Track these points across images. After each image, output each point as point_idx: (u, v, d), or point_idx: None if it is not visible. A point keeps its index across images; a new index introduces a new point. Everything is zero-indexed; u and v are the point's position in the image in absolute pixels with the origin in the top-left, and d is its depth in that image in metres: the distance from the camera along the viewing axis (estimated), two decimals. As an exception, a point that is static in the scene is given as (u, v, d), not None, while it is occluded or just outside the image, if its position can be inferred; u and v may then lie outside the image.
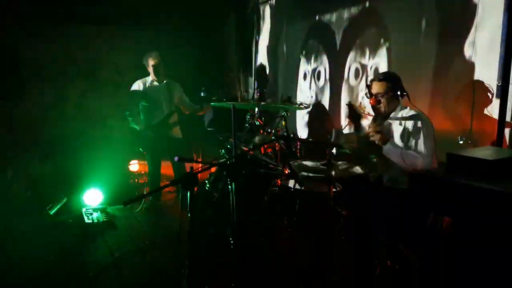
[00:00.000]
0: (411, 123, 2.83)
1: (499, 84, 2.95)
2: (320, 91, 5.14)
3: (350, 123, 4.39)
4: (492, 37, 3.10)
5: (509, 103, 2.82)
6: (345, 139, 3.32)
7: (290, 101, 3.95)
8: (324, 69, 5.05)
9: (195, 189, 2.12)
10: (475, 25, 3.22)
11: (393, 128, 2.93)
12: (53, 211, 4.34)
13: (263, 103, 3.64)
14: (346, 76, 4.65)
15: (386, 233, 2.65)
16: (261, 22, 6.28)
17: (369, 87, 3.00)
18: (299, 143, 3.60)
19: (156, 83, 4.69)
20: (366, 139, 2.89)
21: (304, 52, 5.39)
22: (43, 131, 5.26)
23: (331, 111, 4.96)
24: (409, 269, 2.49)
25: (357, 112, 3.27)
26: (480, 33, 3.20)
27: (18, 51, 5.04)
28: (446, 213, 1.92)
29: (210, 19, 6.39)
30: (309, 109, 5.14)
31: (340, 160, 2.89)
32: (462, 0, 3.34)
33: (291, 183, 2.91)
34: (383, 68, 4.09)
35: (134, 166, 5.52)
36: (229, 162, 2.65)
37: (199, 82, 4.87)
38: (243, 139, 3.55)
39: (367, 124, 3.10)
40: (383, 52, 4.12)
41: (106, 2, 5.57)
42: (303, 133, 5.42)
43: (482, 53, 3.19)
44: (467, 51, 3.30)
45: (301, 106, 4.18)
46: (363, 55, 4.39)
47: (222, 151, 3.57)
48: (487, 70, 3.12)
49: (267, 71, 6.19)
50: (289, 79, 5.72)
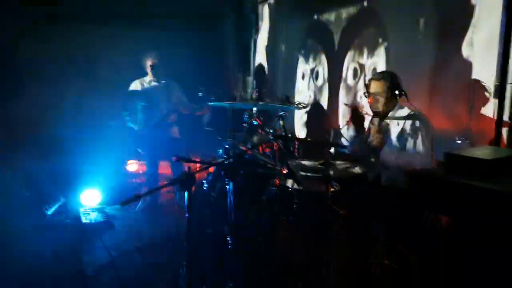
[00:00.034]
0: (409, 123, 2.83)
1: (496, 83, 2.96)
2: (318, 90, 5.14)
3: (349, 123, 4.40)
4: (490, 36, 3.10)
5: (506, 102, 2.82)
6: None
7: (288, 100, 3.95)
8: (322, 68, 5.05)
9: (193, 189, 2.12)
10: (473, 24, 3.23)
11: (391, 127, 2.93)
12: (51, 211, 4.33)
13: (261, 102, 3.63)
14: (344, 75, 4.65)
15: (384, 233, 2.65)
16: (260, 21, 6.28)
17: (367, 86, 3.01)
18: (297, 143, 3.60)
19: (154, 83, 4.69)
20: (365, 140, 2.90)
21: (302, 51, 5.39)
22: (42, 130, 5.24)
23: (329, 110, 4.96)
24: (408, 268, 2.49)
25: (358, 113, 3.28)
26: (478, 32, 3.20)
27: (16, 50, 5.03)
28: (444, 212, 1.92)
29: (208, 19, 6.39)
30: (307, 109, 5.14)
31: (338, 159, 2.89)
32: (460, -1, 3.35)
33: (289, 183, 2.90)
34: (381, 67, 4.09)
35: (132, 166, 5.52)
36: (227, 162, 2.65)
37: (197, 82, 4.86)
38: (241, 139, 3.54)
39: (366, 124, 3.10)
40: (381, 51, 4.12)
41: (105, 1, 5.56)
42: (301, 133, 5.42)
43: (480, 53, 3.20)
44: (465, 51, 3.30)
45: (300, 106, 4.18)
46: (362, 55, 4.39)
47: (220, 151, 3.56)
48: (485, 69, 3.13)
49: (265, 70, 6.19)
50: (287, 79, 5.72)
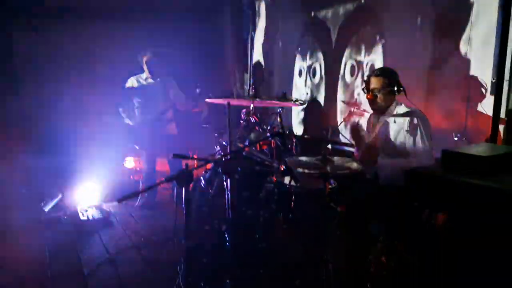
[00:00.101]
0: (407, 120, 2.84)
1: (493, 80, 2.96)
2: (315, 88, 5.14)
3: (346, 120, 4.41)
4: (487, 33, 3.10)
5: (503, 99, 2.83)
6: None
7: (285, 97, 3.94)
8: (319, 65, 5.05)
9: (190, 186, 2.12)
10: (470, 21, 3.23)
11: (389, 125, 2.94)
12: (48, 207, 4.33)
13: (258, 99, 3.62)
14: (342, 72, 4.65)
15: (381, 230, 2.66)
16: (257, 18, 6.26)
17: (366, 83, 3.01)
18: (294, 140, 3.59)
19: (150, 80, 4.67)
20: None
21: (299, 48, 5.38)
22: (38, 126, 5.23)
23: (326, 108, 4.96)
24: (406, 266, 2.50)
25: (359, 132, 3.29)
26: (475, 30, 3.21)
27: (12, 46, 5.00)
28: (441, 210, 1.93)
29: (205, 15, 6.36)
30: (304, 106, 5.14)
31: (335, 156, 2.90)
32: (457, -4, 3.35)
33: (286, 180, 2.90)
34: (379, 64, 4.09)
35: (129, 162, 5.51)
36: (224, 159, 2.64)
37: (194, 78, 4.85)
38: (238, 136, 3.54)
39: (365, 122, 3.11)
40: (379, 49, 4.12)
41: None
42: (298, 129, 5.42)
43: (477, 50, 3.20)
44: (463, 48, 3.31)
45: (297, 102, 4.17)
46: (359, 52, 4.39)
47: (217, 147, 3.56)
48: (482, 66, 3.13)
49: (262, 67, 6.18)
50: (284, 75, 5.71)
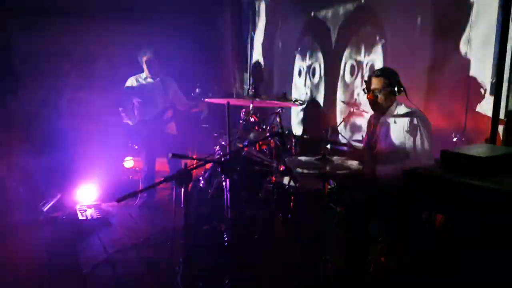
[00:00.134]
0: (407, 120, 2.84)
1: (493, 81, 2.96)
2: (315, 88, 5.14)
3: (346, 120, 4.41)
4: (487, 34, 3.10)
5: (502, 100, 2.83)
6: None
7: (285, 97, 3.94)
8: (319, 66, 5.05)
9: (189, 186, 2.12)
10: (470, 22, 3.23)
11: (389, 125, 2.94)
12: (47, 207, 4.32)
13: (258, 99, 3.62)
14: (341, 73, 4.65)
15: (380, 230, 2.66)
16: (257, 18, 6.26)
17: (366, 83, 3.01)
18: (294, 140, 3.59)
19: (150, 80, 4.67)
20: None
21: (299, 48, 5.38)
22: (37, 126, 5.22)
23: (326, 108, 4.96)
24: (404, 266, 2.50)
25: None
26: (475, 30, 3.20)
27: (12, 45, 5.00)
28: (440, 210, 1.93)
29: (205, 15, 6.36)
30: (303, 106, 5.14)
31: (334, 155, 2.90)
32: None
33: (285, 180, 2.90)
34: (379, 65, 4.09)
35: (128, 162, 5.50)
36: (223, 158, 2.64)
37: (194, 78, 4.85)
38: (237, 136, 3.54)
39: (364, 122, 3.11)
40: (379, 49, 4.12)
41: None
42: (298, 130, 5.42)
43: (477, 50, 3.20)
44: (463, 48, 3.30)
45: (296, 102, 4.17)
46: (359, 52, 4.38)
47: (216, 147, 3.56)
48: (482, 67, 3.13)
49: (262, 67, 6.18)
50: (284, 75, 5.71)
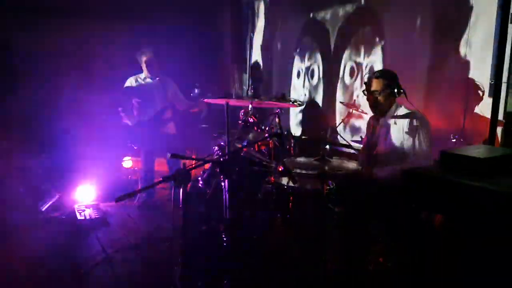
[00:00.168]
0: (407, 121, 2.85)
1: (491, 82, 2.97)
2: (313, 89, 5.15)
3: (345, 121, 4.41)
4: (486, 36, 3.11)
5: (501, 101, 2.84)
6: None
7: (284, 98, 3.95)
8: (317, 67, 5.05)
9: (188, 186, 2.12)
10: (469, 24, 3.24)
11: (390, 127, 2.95)
12: (46, 207, 4.31)
13: (257, 100, 3.62)
14: (341, 74, 4.65)
15: (379, 230, 2.66)
16: (256, 18, 6.27)
17: (366, 85, 3.02)
18: (293, 141, 3.60)
19: (149, 80, 4.67)
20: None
21: (298, 49, 5.39)
22: (36, 125, 5.21)
23: (325, 109, 4.96)
24: (403, 266, 2.51)
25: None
26: (474, 32, 3.21)
27: (11, 45, 4.99)
28: (438, 210, 1.94)
29: (204, 15, 6.36)
30: (302, 107, 5.15)
31: (333, 156, 2.90)
32: (456, -2, 3.36)
33: (284, 180, 2.91)
34: (378, 66, 4.10)
35: (127, 162, 5.50)
36: (222, 159, 2.64)
37: (193, 78, 4.86)
38: (236, 136, 3.54)
39: (364, 124, 3.11)
40: (378, 50, 4.13)
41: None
42: (297, 130, 5.42)
43: (476, 52, 3.21)
44: (462, 50, 3.31)
45: (295, 103, 4.18)
46: (358, 54, 4.39)
47: (215, 148, 3.56)
48: (481, 68, 3.14)
49: (261, 68, 6.19)
50: (283, 76, 5.71)
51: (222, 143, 3.46)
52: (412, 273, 2.11)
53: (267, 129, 3.59)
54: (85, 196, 4.57)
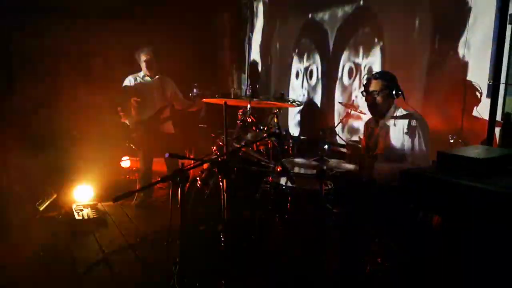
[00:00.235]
0: (406, 122, 2.86)
1: (490, 83, 2.98)
2: (312, 89, 5.15)
3: (343, 121, 4.41)
4: (484, 37, 3.12)
5: (499, 102, 2.84)
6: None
7: (283, 98, 3.95)
8: (316, 67, 5.05)
9: (186, 186, 2.11)
10: (468, 25, 3.24)
11: (389, 128, 2.95)
12: (43, 206, 4.30)
13: (255, 99, 3.62)
14: (340, 75, 4.65)
15: (377, 230, 2.66)
16: (255, 18, 6.27)
17: (366, 85, 3.03)
18: (291, 141, 3.60)
19: (148, 78, 4.66)
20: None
21: (296, 50, 5.39)
22: (34, 125, 5.20)
23: (323, 109, 4.97)
24: (400, 266, 2.51)
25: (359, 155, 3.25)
26: (473, 33, 3.22)
27: (10, 44, 4.98)
28: (435, 210, 1.94)
29: (203, 14, 6.36)
30: (301, 107, 5.15)
31: (332, 156, 2.90)
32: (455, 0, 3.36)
33: (282, 180, 2.90)
34: (377, 67, 4.10)
35: (125, 162, 5.49)
36: (220, 159, 2.64)
37: (192, 78, 4.85)
38: (235, 136, 3.54)
39: (362, 125, 3.11)
40: (377, 51, 4.13)
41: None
42: (295, 130, 5.42)
43: (475, 53, 3.22)
44: (461, 51, 3.32)
45: (294, 103, 4.18)
46: (357, 54, 4.39)
47: (213, 147, 3.56)
48: (480, 69, 3.15)
49: (260, 68, 6.19)
50: (281, 77, 5.72)
51: (220, 143, 3.46)
52: (410, 273, 2.11)
53: (265, 129, 3.59)
54: (83, 195, 4.56)
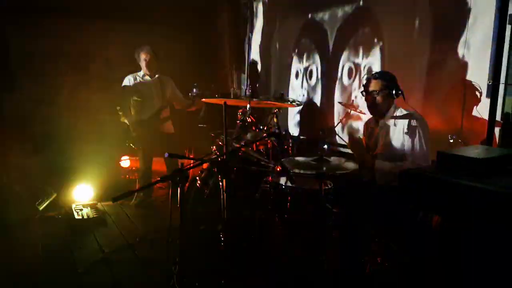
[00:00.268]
0: (406, 122, 2.86)
1: (489, 83, 2.98)
2: (312, 89, 5.15)
3: (343, 122, 4.41)
4: (484, 37, 3.12)
5: (499, 102, 2.84)
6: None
7: (282, 98, 3.96)
8: (316, 68, 5.05)
9: (186, 185, 2.11)
10: (468, 25, 3.24)
11: (389, 128, 2.95)
12: (43, 206, 4.30)
13: (255, 99, 3.63)
14: (339, 75, 4.65)
15: (377, 230, 2.66)
16: (254, 18, 6.26)
17: (365, 85, 3.03)
18: (291, 140, 3.60)
19: (148, 78, 4.66)
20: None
21: (296, 50, 5.39)
22: (34, 124, 5.21)
23: (323, 109, 4.96)
24: (400, 266, 2.51)
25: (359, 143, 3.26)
26: (473, 33, 3.22)
27: (9, 44, 4.98)
28: (435, 210, 1.94)
29: (203, 14, 6.36)
30: (301, 107, 5.15)
31: (331, 156, 2.90)
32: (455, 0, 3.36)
33: (282, 180, 2.90)
34: (377, 67, 4.10)
35: (125, 162, 5.49)
36: (220, 158, 2.64)
37: (191, 78, 4.85)
38: (234, 136, 3.54)
39: (362, 125, 3.11)
40: (377, 51, 4.13)
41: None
42: (295, 130, 5.42)
43: (475, 53, 3.22)
44: (460, 51, 3.32)
45: (294, 103, 4.18)
46: (357, 55, 4.39)
47: (213, 147, 3.56)
48: (479, 69, 3.15)
49: (259, 68, 6.19)
50: (281, 77, 5.71)
51: (220, 143, 3.46)
52: (410, 273, 2.11)
53: (265, 129, 3.59)
54: (83, 195, 4.56)
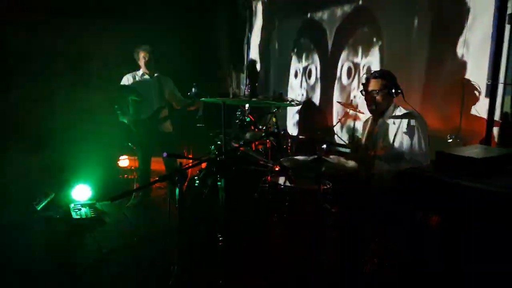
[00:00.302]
0: (405, 122, 2.86)
1: (488, 83, 2.98)
2: (311, 89, 5.14)
3: (342, 121, 4.41)
4: (483, 37, 3.11)
5: (498, 102, 2.84)
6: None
7: (281, 98, 3.95)
8: (315, 67, 5.05)
9: (184, 185, 2.11)
10: (467, 24, 3.24)
11: (388, 127, 2.95)
12: (41, 206, 4.29)
13: (254, 99, 3.62)
14: (338, 74, 4.65)
15: (375, 230, 2.66)
16: (253, 18, 6.26)
17: (365, 85, 3.03)
18: (289, 140, 3.60)
19: (147, 77, 4.64)
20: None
21: (295, 49, 5.38)
22: (31, 124, 5.19)
23: (322, 109, 4.96)
24: (398, 266, 2.51)
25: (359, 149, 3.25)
26: (472, 32, 3.22)
27: (6, 43, 4.96)
28: (434, 210, 1.93)
29: (201, 14, 6.35)
30: (299, 107, 5.14)
31: (330, 156, 2.90)
32: (454, -1, 3.36)
33: (281, 180, 2.90)
34: (376, 67, 4.10)
35: (123, 161, 5.48)
36: (219, 158, 2.64)
37: (190, 77, 4.84)
38: (233, 136, 3.54)
39: (361, 124, 3.10)
40: (376, 51, 4.13)
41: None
42: (294, 130, 5.42)
43: (474, 52, 3.21)
44: (459, 50, 3.32)
45: (292, 103, 4.18)
46: (356, 54, 4.39)
47: (212, 147, 3.56)
48: (479, 69, 3.14)
49: (258, 67, 6.18)
50: (280, 76, 5.71)
51: (218, 142, 3.46)
52: (410, 273, 2.11)
53: (264, 128, 3.59)
54: (81, 195, 4.55)
